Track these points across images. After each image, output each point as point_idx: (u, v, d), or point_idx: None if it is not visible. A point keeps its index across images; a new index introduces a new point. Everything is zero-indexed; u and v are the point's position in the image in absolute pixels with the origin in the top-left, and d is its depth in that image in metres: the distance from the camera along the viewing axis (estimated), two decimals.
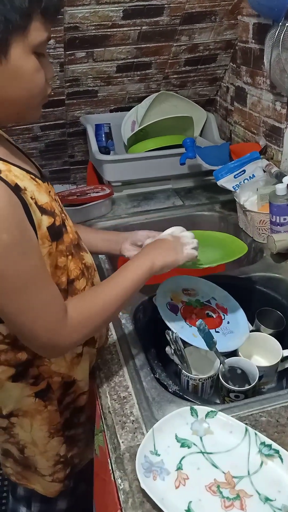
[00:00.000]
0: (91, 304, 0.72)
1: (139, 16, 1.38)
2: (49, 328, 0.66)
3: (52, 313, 0.66)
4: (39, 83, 0.63)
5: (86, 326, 0.71)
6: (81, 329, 0.70)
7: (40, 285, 0.64)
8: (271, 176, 1.30)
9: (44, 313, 0.65)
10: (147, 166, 1.57)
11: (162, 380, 0.84)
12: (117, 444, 0.73)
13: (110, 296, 0.74)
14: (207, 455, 0.70)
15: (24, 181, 0.63)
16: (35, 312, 0.64)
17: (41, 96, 0.65)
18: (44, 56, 0.64)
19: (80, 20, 1.33)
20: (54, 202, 0.72)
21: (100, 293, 0.75)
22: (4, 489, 1.55)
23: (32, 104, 0.65)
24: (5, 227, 0.57)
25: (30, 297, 0.63)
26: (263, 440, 0.69)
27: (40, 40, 0.60)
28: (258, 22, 1.35)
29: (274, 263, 1.18)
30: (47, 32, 0.61)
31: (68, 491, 0.95)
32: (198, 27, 1.48)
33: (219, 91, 1.81)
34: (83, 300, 0.73)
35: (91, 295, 0.74)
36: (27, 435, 0.82)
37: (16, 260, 0.59)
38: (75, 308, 0.69)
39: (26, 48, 0.59)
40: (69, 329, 0.68)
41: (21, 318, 0.64)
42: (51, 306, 0.66)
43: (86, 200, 1.42)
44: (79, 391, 0.85)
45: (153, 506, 0.63)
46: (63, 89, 1.57)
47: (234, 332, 0.95)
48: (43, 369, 0.78)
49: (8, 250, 0.58)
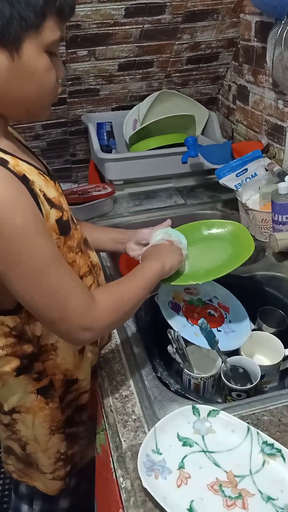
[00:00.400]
0: (117, 293, 0.74)
1: (141, 14, 1.37)
2: (81, 308, 0.65)
3: (82, 293, 0.66)
4: (50, 82, 0.63)
5: (115, 313, 0.71)
6: (111, 315, 0.71)
7: (62, 266, 0.64)
8: (273, 174, 1.30)
9: (74, 292, 0.65)
10: (149, 164, 1.57)
11: (164, 379, 0.84)
12: (119, 442, 0.73)
13: (131, 290, 0.75)
14: (209, 454, 0.70)
15: (32, 175, 0.64)
16: (65, 291, 0.63)
17: (52, 95, 0.65)
18: (56, 55, 0.64)
19: (82, 19, 1.33)
20: (62, 198, 0.72)
21: (123, 286, 0.76)
22: (6, 487, 1.55)
23: (42, 103, 0.65)
24: (17, 210, 0.57)
25: (55, 277, 0.62)
26: (265, 439, 0.69)
27: (53, 39, 0.60)
28: (261, 20, 1.35)
29: (276, 262, 1.17)
30: (60, 32, 0.61)
31: (69, 490, 0.95)
32: (200, 25, 1.48)
33: (221, 90, 1.81)
34: (107, 289, 0.75)
35: (115, 287, 0.76)
36: (29, 431, 0.82)
37: (33, 241, 0.59)
38: (102, 295, 0.70)
39: (39, 46, 0.59)
40: (100, 313, 0.68)
41: (50, 300, 0.63)
42: (79, 287, 0.66)
43: (88, 199, 1.42)
44: (81, 389, 0.85)
45: (155, 505, 0.63)
46: (64, 88, 1.57)
47: (236, 331, 0.94)
48: (48, 364, 0.78)
49: (24, 231, 0.58)
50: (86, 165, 1.93)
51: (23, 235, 0.58)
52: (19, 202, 0.58)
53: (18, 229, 0.57)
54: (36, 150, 1.82)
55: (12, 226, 0.57)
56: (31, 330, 0.73)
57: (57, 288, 0.63)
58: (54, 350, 0.77)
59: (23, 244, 0.59)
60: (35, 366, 0.76)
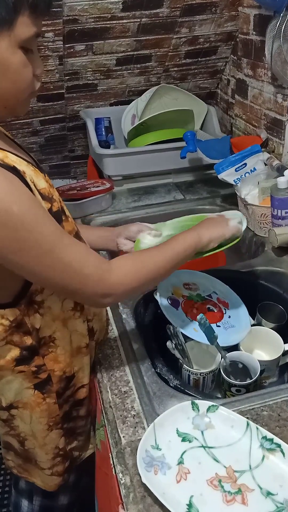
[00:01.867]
0: (138, 260, 0.75)
1: (138, 8, 1.36)
2: (96, 275, 0.68)
3: (95, 261, 0.68)
4: (25, 78, 0.63)
5: (134, 279, 0.73)
6: (129, 281, 0.72)
7: (69, 241, 0.67)
8: (273, 169, 1.29)
9: (88, 262, 0.67)
10: (148, 160, 1.56)
11: (163, 374, 0.84)
12: (118, 438, 0.73)
13: (156, 259, 0.76)
14: (208, 449, 0.69)
15: (22, 165, 0.64)
16: (77, 262, 0.66)
17: (28, 91, 0.65)
18: (33, 51, 0.63)
19: (79, 13, 1.32)
20: (52, 189, 0.72)
21: (148, 254, 0.78)
22: (7, 484, 1.55)
23: (19, 99, 0.65)
24: (12, 200, 0.58)
25: (66, 252, 0.65)
26: (264, 434, 0.69)
27: (27, 35, 0.59)
28: (259, 13, 1.34)
29: (276, 257, 1.17)
30: (35, 28, 0.60)
31: (69, 486, 0.95)
32: (198, 19, 1.46)
33: (220, 84, 1.80)
34: (130, 256, 0.78)
35: (139, 254, 0.78)
36: (27, 427, 0.82)
37: (36, 225, 0.61)
38: (122, 261, 0.73)
39: (12, 42, 0.59)
40: (117, 278, 0.71)
41: (66, 274, 0.65)
42: (91, 254, 0.69)
43: (87, 195, 1.42)
44: (78, 384, 0.85)
45: (155, 500, 0.63)
46: (62, 83, 1.56)
47: (236, 326, 0.94)
48: (48, 358, 0.78)
49: (23, 219, 0.59)
50: (85, 161, 1.93)
51: (25, 222, 0.59)
52: (14, 191, 0.59)
53: (19, 217, 0.59)
54: (34, 146, 1.82)
55: (11, 216, 0.58)
56: (31, 322, 0.74)
57: (71, 261, 0.65)
58: (52, 342, 0.78)
59: (27, 230, 0.60)
60: (35, 359, 0.76)
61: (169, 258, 0.77)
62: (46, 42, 1.37)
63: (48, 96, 1.59)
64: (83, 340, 0.82)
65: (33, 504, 0.96)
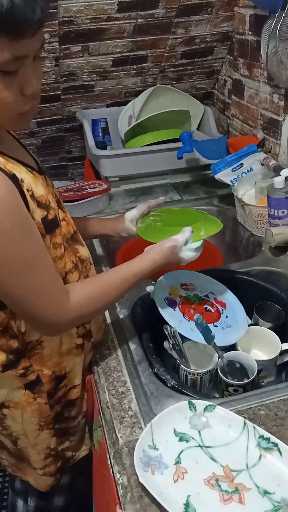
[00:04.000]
0: (92, 288, 0.76)
1: (134, 9, 1.36)
2: (50, 307, 0.69)
3: (54, 293, 0.70)
4: (5, 102, 0.59)
5: (86, 308, 0.74)
6: (81, 309, 0.74)
7: (42, 267, 0.67)
8: (269, 169, 1.30)
9: (46, 293, 0.68)
10: (145, 160, 1.57)
11: (160, 374, 0.84)
12: (115, 439, 0.73)
13: (110, 283, 0.78)
14: (205, 449, 0.70)
15: (21, 173, 0.65)
16: (37, 292, 0.67)
17: (12, 113, 0.62)
18: (17, 72, 0.58)
19: (75, 14, 1.32)
20: (51, 196, 0.72)
21: (102, 280, 0.79)
22: (6, 485, 1.55)
23: (4, 119, 0.62)
24: (6, 215, 0.60)
25: (33, 278, 0.66)
26: (261, 433, 0.69)
27: (0, 60, 0.55)
28: (255, 13, 1.34)
29: (273, 257, 1.17)
30: (9, 51, 0.55)
31: (64, 487, 0.95)
32: (194, 20, 1.47)
33: (216, 84, 1.80)
34: (84, 284, 0.77)
35: (92, 280, 0.79)
36: (19, 426, 0.83)
37: (19, 245, 0.63)
38: (76, 291, 0.73)
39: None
40: (69, 308, 0.71)
41: (24, 298, 0.67)
42: (53, 286, 0.70)
43: (83, 196, 1.42)
44: (70, 385, 0.85)
45: (152, 500, 0.63)
46: (58, 84, 1.56)
47: (233, 326, 0.94)
48: (34, 359, 0.78)
49: (11, 236, 0.61)
50: (82, 162, 1.93)
51: (9, 236, 0.61)
52: (8, 207, 0.60)
53: (5, 231, 0.60)
54: (31, 148, 1.81)
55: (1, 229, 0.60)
56: (17, 325, 0.74)
57: (34, 287, 0.67)
58: (39, 344, 0.78)
59: (10, 248, 0.62)
60: (21, 362, 0.77)
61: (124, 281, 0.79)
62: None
63: (44, 98, 1.59)
64: (73, 341, 0.82)
65: (28, 505, 0.96)
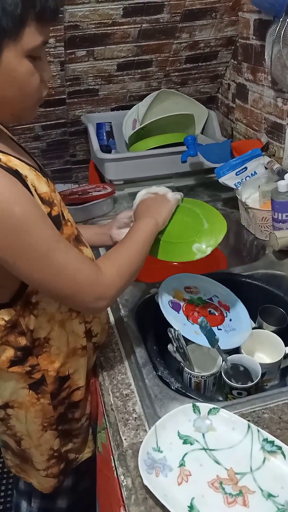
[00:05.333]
0: (119, 260, 0.77)
1: (139, 14, 1.37)
2: (91, 280, 0.70)
3: (87, 268, 0.70)
4: (32, 86, 0.64)
5: (121, 278, 0.75)
6: (117, 280, 0.74)
7: (65, 245, 0.68)
8: (273, 173, 1.30)
9: (81, 267, 0.69)
10: (149, 164, 1.57)
11: (164, 377, 0.84)
12: (119, 441, 0.73)
13: (132, 252, 0.79)
14: (209, 451, 0.70)
15: (24, 170, 0.65)
16: (71, 267, 0.67)
17: (36, 98, 0.66)
18: (41, 58, 0.64)
19: (80, 19, 1.33)
20: (54, 194, 0.73)
21: (124, 252, 0.79)
22: (9, 487, 1.55)
23: (26, 106, 0.66)
24: (14, 201, 0.60)
25: (61, 257, 0.66)
26: (265, 436, 0.69)
27: (34, 45, 0.60)
28: (259, 18, 1.35)
29: (277, 260, 1.17)
30: (42, 36, 0.61)
31: (67, 489, 0.95)
32: (198, 24, 1.48)
33: (220, 88, 1.81)
34: (108, 257, 0.78)
35: (116, 254, 0.79)
36: (23, 427, 0.83)
37: (36, 228, 0.62)
38: (105, 264, 0.74)
39: (19, 52, 0.59)
40: (108, 280, 0.73)
41: (61, 279, 0.67)
42: (85, 261, 0.70)
43: (88, 199, 1.43)
44: (74, 386, 0.85)
45: (156, 502, 0.63)
46: (64, 88, 1.57)
47: (237, 329, 0.94)
48: (42, 358, 0.78)
49: (25, 220, 0.61)
50: (86, 165, 1.94)
51: (25, 223, 0.61)
52: (15, 193, 0.60)
53: (19, 219, 0.60)
54: (36, 151, 1.83)
55: (13, 217, 0.60)
56: (26, 323, 0.74)
57: (65, 266, 0.67)
58: (47, 342, 0.78)
59: (27, 232, 0.61)
60: (29, 359, 0.77)
61: (140, 249, 0.80)
62: (48, 48, 1.39)
63: (49, 102, 1.60)
64: (79, 342, 0.82)
65: (31, 506, 0.96)
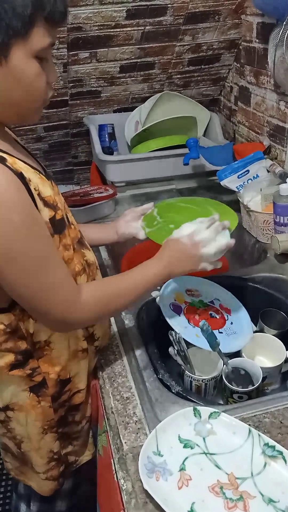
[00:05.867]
0: (104, 289, 0.77)
1: (142, 16, 1.38)
2: (62, 305, 0.69)
3: (66, 291, 0.70)
4: (39, 87, 0.64)
5: (97, 307, 0.75)
6: (93, 308, 0.74)
7: (53, 264, 0.67)
8: (275, 176, 1.30)
9: (58, 291, 0.68)
10: (151, 166, 1.57)
11: (165, 380, 0.84)
12: (120, 444, 0.73)
13: (123, 287, 0.78)
14: (210, 456, 0.69)
15: (28, 173, 0.65)
16: (50, 290, 0.67)
17: (42, 99, 0.66)
18: (47, 60, 0.64)
19: (83, 21, 1.33)
20: (58, 197, 0.73)
21: (114, 282, 0.79)
22: (8, 489, 1.55)
23: (32, 107, 0.66)
24: (14, 208, 0.60)
25: (46, 275, 0.66)
26: (266, 441, 0.69)
27: (42, 45, 0.61)
28: (262, 21, 1.35)
29: (278, 264, 1.17)
30: (50, 38, 0.61)
31: (67, 492, 0.95)
32: (201, 27, 1.48)
33: (223, 91, 1.81)
34: (96, 284, 0.79)
35: (104, 282, 0.79)
36: (23, 429, 0.83)
37: (28, 241, 0.63)
38: (88, 290, 0.74)
39: (27, 52, 0.60)
40: (82, 307, 0.72)
41: (37, 297, 0.67)
42: (65, 284, 0.70)
43: (89, 201, 1.43)
44: (74, 389, 0.85)
45: (156, 506, 0.63)
46: (66, 90, 1.57)
47: (238, 332, 0.94)
48: (43, 361, 0.78)
49: (19, 230, 0.61)
50: (88, 167, 1.94)
51: (21, 232, 0.61)
52: (17, 199, 0.60)
53: (16, 227, 0.60)
54: (38, 152, 1.83)
55: (10, 224, 0.59)
56: (25, 327, 0.74)
57: (46, 284, 0.67)
58: (47, 345, 0.78)
59: (18, 243, 0.61)
60: (29, 362, 0.77)
61: (132, 289, 0.78)
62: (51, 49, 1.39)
63: (52, 103, 1.60)
64: (79, 344, 0.82)
65: (30, 509, 0.96)
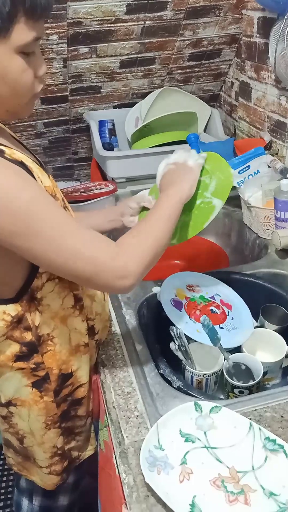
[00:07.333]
0: (140, 235, 0.74)
1: (142, 11, 1.37)
2: (108, 258, 0.67)
3: (106, 245, 0.68)
4: (25, 82, 0.63)
5: (142, 254, 0.72)
6: (139, 257, 0.71)
7: (77, 228, 0.66)
8: (276, 171, 1.30)
9: (97, 245, 0.67)
10: (151, 162, 1.56)
11: (166, 375, 0.84)
12: (121, 438, 0.73)
13: (155, 228, 0.76)
14: (211, 450, 0.70)
15: (28, 161, 0.66)
16: (87, 248, 0.66)
17: (30, 94, 0.66)
18: (35, 54, 0.63)
19: (83, 16, 1.33)
20: (57, 189, 0.73)
21: (146, 228, 0.76)
22: (10, 484, 1.56)
23: (20, 102, 0.66)
24: (21, 187, 0.60)
25: (77, 237, 0.65)
26: (267, 435, 0.69)
27: (25, 41, 0.60)
28: (263, 16, 1.34)
29: (279, 259, 1.17)
30: (34, 32, 0.60)
31: (69, 487, 0.95)
32: (202, 22, 1.47)
33: (224, 86, 1.80)
34: (129, 234, 0.75)
35: (136, 230, 0.76)
36: (25, 425, 0.83)
37: (46, 211, 0.62)
38: (124, 241, 0.72)
39: (9, 49, 0.59)
40: (128, 257, 0.69)
41: (79, 260, 0.65)
42: (100, 239, 0.69)
43: (90, 197, 1.42)
44: (77, 383, 0.85)
45: (158, 500, 0.63)
46: (66, 85, 1.57)
47: (239, 328, 0.94)
48: (47, 356, 0.78)
49: (34, 204, 0.60)
50: (88, 163, 1.94)
51: (35, 207, 0.60)
52: (21, 179, 0.61)
53: (28, 204, 0.60)
54: (38, 149, 1.83)
55: (21, 203, 0.59)
56: (31, 318, 0.74)
57: (82, 246, 0.65)
58: (51, 340, 0.78)
59: (37, 215, 0.61)
60: (34, 356, 0.77)
61: (163, 225, 0.77)
62: (51, 44, 1.38)
63: (52, 99, 1.60)
64: (81, 339, 0.82)
65: (33, 504, 0.97)
